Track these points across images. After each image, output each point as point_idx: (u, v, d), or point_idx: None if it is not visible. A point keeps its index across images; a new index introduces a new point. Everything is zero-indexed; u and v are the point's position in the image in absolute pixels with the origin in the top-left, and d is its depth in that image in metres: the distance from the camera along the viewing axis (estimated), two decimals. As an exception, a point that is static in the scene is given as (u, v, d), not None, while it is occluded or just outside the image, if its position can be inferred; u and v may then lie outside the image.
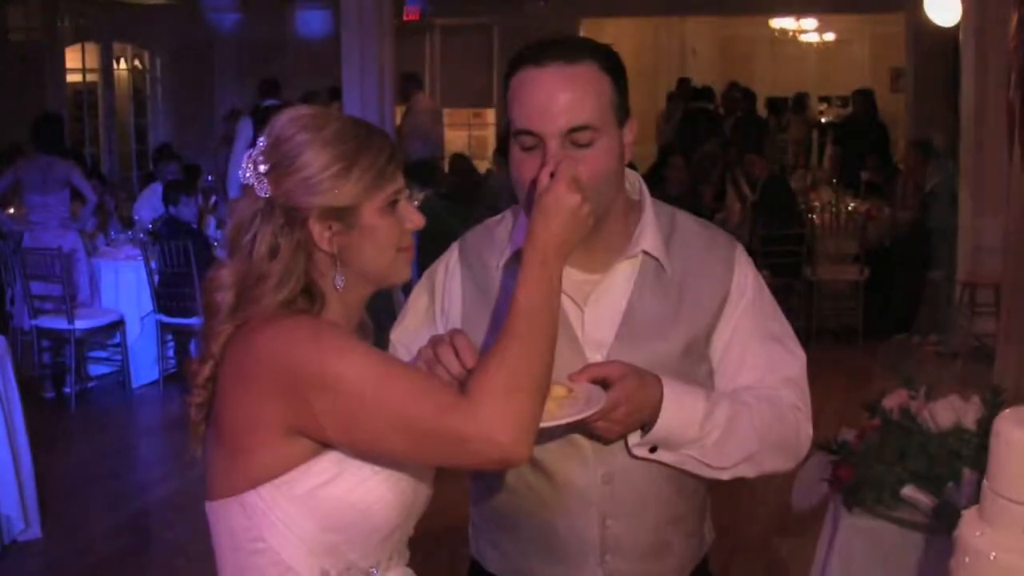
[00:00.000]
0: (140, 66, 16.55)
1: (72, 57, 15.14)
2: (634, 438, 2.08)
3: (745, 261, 2.25)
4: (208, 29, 15.79)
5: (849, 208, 10.26)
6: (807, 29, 19.43)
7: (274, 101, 10.10)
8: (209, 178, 11.52)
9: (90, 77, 15.59)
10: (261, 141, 1.89)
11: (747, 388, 2.17)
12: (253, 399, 1.79)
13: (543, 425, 1.87)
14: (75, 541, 5.73)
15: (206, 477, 1.87)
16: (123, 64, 16.30)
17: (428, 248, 2.50)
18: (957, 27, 9.33)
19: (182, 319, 8.19)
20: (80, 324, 8.03)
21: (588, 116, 2.02)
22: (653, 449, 2.10)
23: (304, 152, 1.83)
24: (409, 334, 2.27)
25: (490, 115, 16.95)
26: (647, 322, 2.15)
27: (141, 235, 8.76)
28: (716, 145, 12.14)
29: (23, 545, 5.56)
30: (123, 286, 8.56)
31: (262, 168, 1.85)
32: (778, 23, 19.08)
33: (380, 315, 2.07)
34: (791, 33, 19.61)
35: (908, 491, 2.98)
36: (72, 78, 15.19)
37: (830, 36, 20.05)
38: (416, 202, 9.72)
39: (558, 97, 2.01)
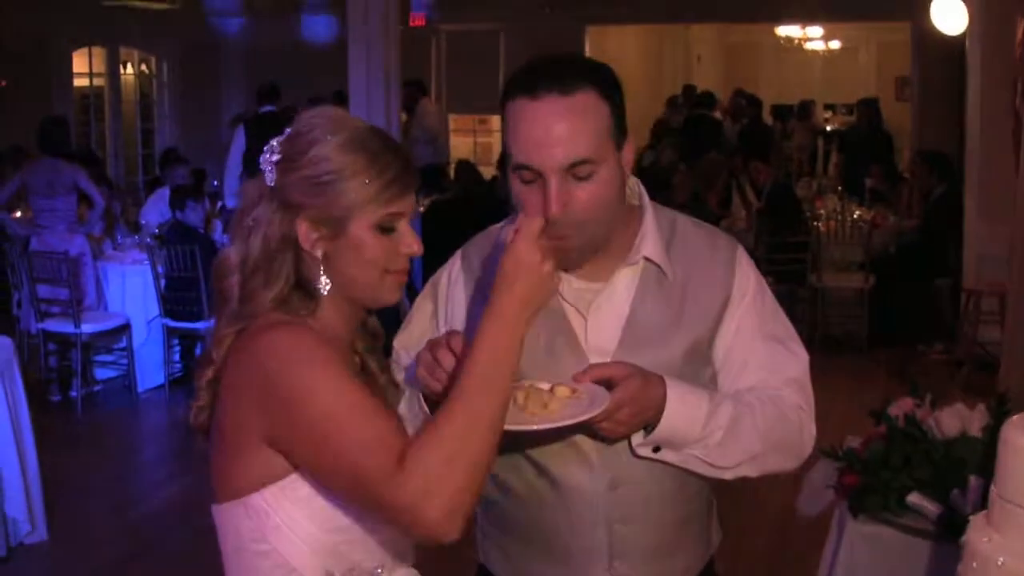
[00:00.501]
0: (147, 71, 16.58)
1: (79, 61, 15.18)
2: (637, 438, 2.09)
3: (746, 262, 2.26)
4: (215, 34, 15.81)
5: (854, 216, 10.25)
6: (813, 37, 19.44)
7: (271, 107, 10.10)
8: (215, 183, 11.54)
9: (97, 81, 15.62)
10: (287, 130, 1.90)
11: (750, 389, 2.18)
12: (243, 405, 1.81)
13: (548, 426, 1.87)
14: (81, 544, 5.75)
15: (211, 480, 1.88)
16: (130, 69, 16.33)
17: (433, 254, 2.50)
18: (963, 35, 9.34)
19: (188, 323, 8.20)
20: (86, 328, 8.03)
21: (586, 150, 2.00)
22: (657, 449, 2.10)
23: (310, 151, 1.83)
24: (413, 341, 2.28)
25: (496, 121, 16.93)
26: (649, 328, 2.16)
27: (148, 239, 8.77)
28: (720, 152, 12.15)
29: (29, 548, 5.58)
30: (129, 290, 8.56)
31: (275, 157, 1.87)
32: (784, 31, 19.09)
33: (386, 322, 2.08)
34: (797, 41, 19.62)
35: (914, 498, 2.99)
36: (79, 82, 15.23)
37: (836, 44, 20.06)
38: (422, 208, 9.75)
39: (555, 132, 1.99)
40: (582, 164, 2.00)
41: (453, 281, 2.28)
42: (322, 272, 1.87)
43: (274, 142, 1.89)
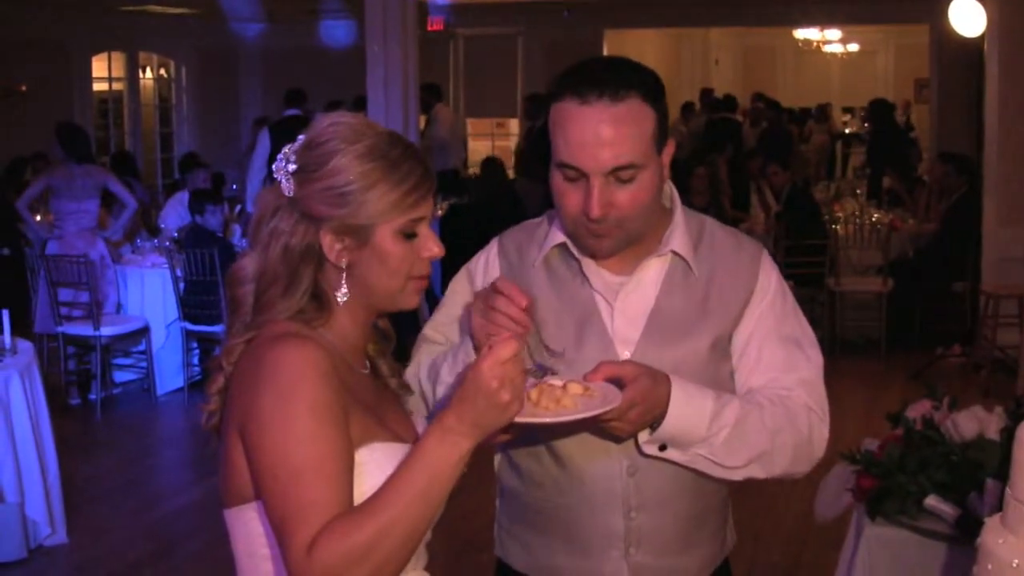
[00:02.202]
0: (165, 75, 16.66)
1: (98, 66, 15.26)
2: (643, 436, 2.10)
3: (770, 265, 2.29)
4: (233, 38, 15.88)
5: (873, 219, 10.22)
6: (831, 40, 19.42)
7: (296, 111, 10.12)
8: (234, 187, 11.57)
9: (116, 86, 15.70)
10: (300, 138, 1.88)
11: (761, 388, 2.20)
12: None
13: (559, 420, 1.88)
14: (100, 546, 5.77)
15: (220, 484, 1.87)
16: (148, 73, 16.41)
17: (451, 258, 2.51)
18: (982, 38, 9.31)
19: (207, 327, 8.23)
20: (105, 331, 8.06)
21: (631, 155, 2.06)
22: (663, 448, 2.12)
23: (331, 162, 1.81)
24: (447, 325, 2.31)
25: (513, 125, 16.97)
26: (674, 320, 2.19)
27: (167, 243, 8.80)
28: (739, 154, 12.14)
29: (49, 550, 5.60)
30: (148, 294, 8.57)
31: (291, 167, 1.85)
32: (802, 34, 19.07)
33: (403, 325, 2.08)
34: (815, 44, 19.61)
35: (931, 501, 2.98)
36: (98, 87, 15.31)
37: (854, 47, 20.05)
38: (441, 211, 9.76)
39: (603, 137, 2.04)
40: (626, 168, 2.06)
41: (490, 266, 2.31)
42: (344, 282, 1.86)
43: (287, 150, 1.86)
